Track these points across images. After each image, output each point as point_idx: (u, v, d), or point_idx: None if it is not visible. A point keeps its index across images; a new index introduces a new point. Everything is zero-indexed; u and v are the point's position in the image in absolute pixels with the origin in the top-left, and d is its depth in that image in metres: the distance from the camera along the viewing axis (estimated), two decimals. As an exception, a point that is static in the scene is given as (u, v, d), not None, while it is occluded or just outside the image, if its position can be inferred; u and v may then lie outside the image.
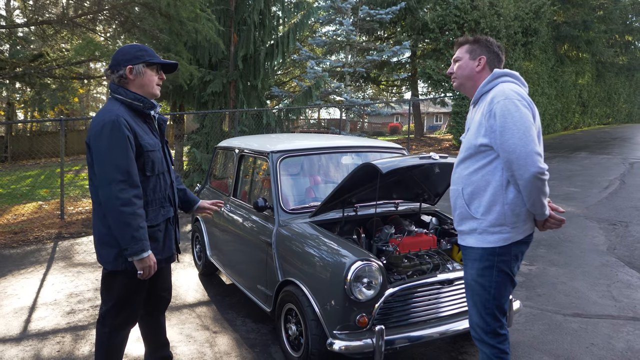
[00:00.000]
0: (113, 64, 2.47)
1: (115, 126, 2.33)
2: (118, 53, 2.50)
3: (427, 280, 3.01)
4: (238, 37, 12.28)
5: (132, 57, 2.47)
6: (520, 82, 2.43)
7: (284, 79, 25.88)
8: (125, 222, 2.30)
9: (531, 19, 17.79)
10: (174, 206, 2.71)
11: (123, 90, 2.46)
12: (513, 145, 2.17)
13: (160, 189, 2.56)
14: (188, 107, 15.00)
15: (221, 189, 4.94)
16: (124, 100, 2.45)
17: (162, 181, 2.57)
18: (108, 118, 2.35)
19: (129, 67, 2.45)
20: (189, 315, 4.19)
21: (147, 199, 2.48)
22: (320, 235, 3.27)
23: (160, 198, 2.56)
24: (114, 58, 2.48)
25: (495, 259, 2.32)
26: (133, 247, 2.33)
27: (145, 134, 2.48)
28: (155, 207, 2.53)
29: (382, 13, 16.34)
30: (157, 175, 2.53)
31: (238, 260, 4.20)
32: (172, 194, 2.68)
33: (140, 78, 2.49)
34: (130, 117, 2.43)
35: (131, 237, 2.31)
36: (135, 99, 2.46)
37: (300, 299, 3.05)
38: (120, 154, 2.32)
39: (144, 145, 2.43)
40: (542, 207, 2.27)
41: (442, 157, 3.09)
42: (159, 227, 2.56)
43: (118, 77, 2.46)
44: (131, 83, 2.48)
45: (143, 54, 2.49)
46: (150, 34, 10.20)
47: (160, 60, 2.54)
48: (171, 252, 2.69)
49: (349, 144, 4.20)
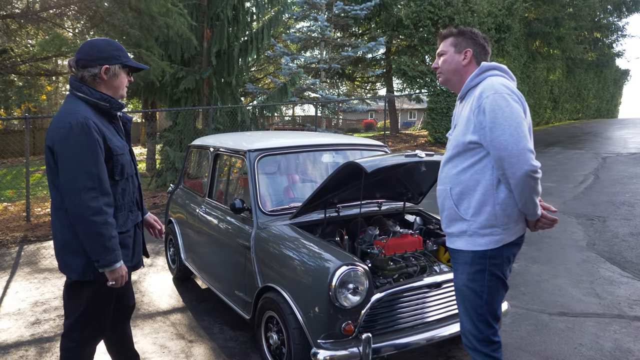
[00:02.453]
0: (85, 58, 2.23)
1: (85, 129, 2.12)
2: (92, 48, 2.25)
3: (415, 284, 2.88)
4: (211, 32, 12.00)
5: (110, 56, 2.26)
6: (509, 75, 2.31)
7: (258, 75, 25.60)
8: (97, 233, 2.12)
9: (504, 16, 17.94)
10: (142, 209, 2.55)
11: (88, 89, 2.24)
12: (504, 142, 2.05)
13: (129, 192, 2.40)
14: (160, 104, 14.62)
15: (195, 189, 4.73)
16: (88, 100, 2.23)
17: (130, 184, 2.40)
18: (75, 120, 2.13)
19: (105, 66, 2.24)
20: (163, 324, 3.98)
21: (117, 203, 2.30)
22: (301, 238, 3.11)
23: (129, 202, 2.40)
24: (87, 52, 2.24)
25: (486, 262, 2.21)
26: (105, 258, 2.15)
27: (113, 136, 2.29)
28: (125, 212, 2.36)
29: (357, 9, 16.24)
30: (125, 179, 2.36)
31: (214, 264, 4.01)
32: (140, 197, 2.52)
33: (113, 79, 2.29)
34: (97, 118, 2.23)
35: (104, 247, 2.14)
36: (101, 98, 2.25)
37: (281, 306, 2.89)
38: (91, 160, 2.13)
39: (113, 148, 2.24)
40: (534, 207, 2.16)
41: (428, 155, 2.95)
42: (129, 233, 2.39)
43: (91, 76, 2.23)
44: (102, 83, 2.27)
45: (120, 55, 2.30)
46: (120, 29, 9.83)
47: (135, 64, 2.35)
48: (140, 257, 2.54)
49: (329, 141, 4.04)
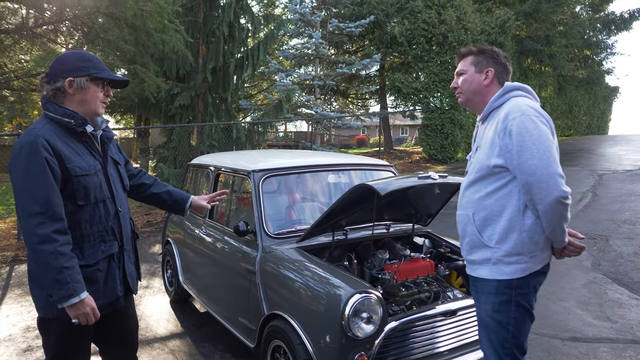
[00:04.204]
0: (51, 73, 2.05)
1: (33, 148, 1.92)
2: (56, 61, 2.07)
3: (430, 312, 2.76)
4: (207, 49, 11.94)
5: (74, 67, 2.05)
6: (533, 96, 2.22)
7: (251, 91, 25.56)
8: (45, 263, 1.89)
9: (497, 34, 18.09)
10: (121, 239, 2.23)
11: (52, 106, 2.05)
12: (533, 167, 1.95)
13: (100, 220, 2.12)
14: (154, 120, 14.51)
15: (194, 209, 4.58)
16: (53, 117, 2.04)
17: (101, 210, 2.12)
18: (26, 139, 1.95)
19: (68, 79, 2.04)
20: (161, 351, 3.81)
21: (83, 232, 2.06)
22: (310, 262, 2.98)
23: (101, 231, 2.12)
24: (52, 67, 2.06)
25: (512, 292, 2.09)
26: (57, 292, 1.90)
27: (77, 156, 2.06)
28: (94, 242, 2.10)
29: (352, 26, 16.31)
30: (94, 204, 2.09)
31: (215, 288, 3.86)
32: (118, 225, 2.21)
33: (81, 94, 2.07)
34: (60, 136, 2.02)
35: (54, 280, 1.90)
36: (64, 114, 2.04)
37: (290, 335, 2.75)
38: (36, 181, 1.91)
39: (71, 169, 2.00)
40: (563, 234, 2.06)
41: (441, 177, 2.85)
42: (98, 266, 2.11)
43: (53, 90, 2.04)
44: (69, 98, 2.07)
45: (87, 66, 2.07)
46: (115, 45, 9.76)
47: (108, 76, 2.12)
48: (115, 295, 2.19)
49: (335, 161, 3.93)
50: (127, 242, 2.30)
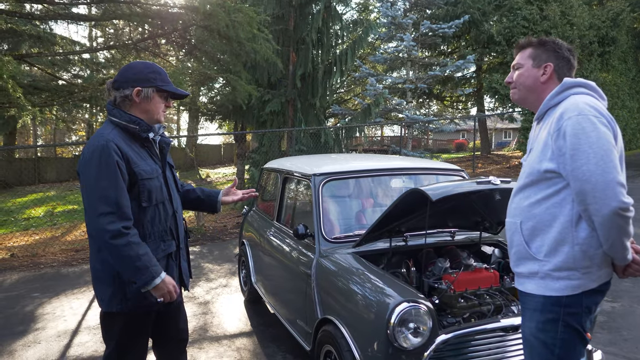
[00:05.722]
0: (120, 80, 2.22)
1: (105, 152, 2.06)
2: (127, 70, 2.24)
3: (488, 325, 2.58)
4: (296, 56, 12.24)
5: (144, 78, 2.20)
6: (598, 94, 1.96)
7: (345, 96, 25.77)
8: (123, 255, 2.03)
9: (608, 27, 16.63)
10: (177, 239, 2.37)
11: (118, 112, 2.21)
12: (588, 173, 1.73)
13: (160, 220, 2.26)
14: (249, 126, 15.13)
15: (267, 211, 4.71)
16: (118, 123, 2.20)
17: (161, 212, 2.27)
18: (97, 143, 2.09)
19: (137, 88, 2.19)
20: (228, 348, 3.94)
21: (145, 232, 2.18)
22: (364, 268, 2.92)
23: (160, 231, 2.26)
24: (122, 74, 2.23)
25: (560, 310, 1.86)
26: (141, 278, 2.06)
27: (142, 160, 2.21)
28: (154, 240, 2.23)
29: (445, 27, 15.86)
30: (155, 206, 2.23)
31: (280, 290, 3.92)
32: (175, 225, 2.36)
33: (146, 103, 2.22)
34: (125, 141, 2.17)
35: (134, 268, 2.04)
36: (130, 121, 2.20)
37: (339, 341, 2.71)
38: (108, 184, 2.04)
39: (138, 172, 2.14)
40: (624, 250, 1.79)
41: (503, 182, 2.65)
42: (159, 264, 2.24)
43: (122, 97, 2.20)
44: (135, 106, 2.22)
45: (156, 78, 2.23)
46: (211, 55, 10.33)
47: (172, 89, 2.27)
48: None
49: (401, 165, 3.83)
50: (182, 242, 2.43)
